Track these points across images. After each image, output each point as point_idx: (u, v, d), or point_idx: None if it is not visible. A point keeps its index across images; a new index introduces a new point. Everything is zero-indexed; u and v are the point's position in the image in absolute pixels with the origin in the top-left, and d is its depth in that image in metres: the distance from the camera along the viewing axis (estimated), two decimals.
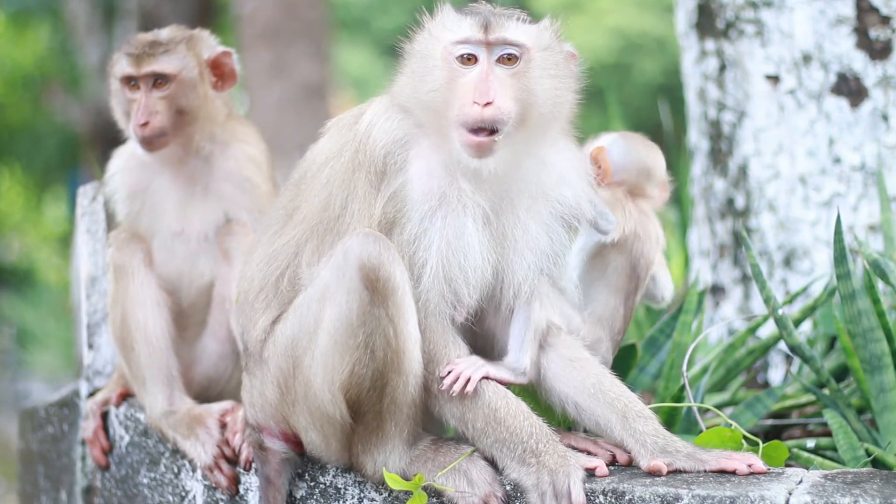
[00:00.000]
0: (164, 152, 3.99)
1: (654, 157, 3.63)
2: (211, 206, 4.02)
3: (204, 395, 4.05)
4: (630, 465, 3.20)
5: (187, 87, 3.97)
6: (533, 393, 3.33)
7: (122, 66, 3.99)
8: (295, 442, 3.37)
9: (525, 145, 3.20)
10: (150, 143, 3.93)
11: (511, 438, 3.09)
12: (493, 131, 3.11)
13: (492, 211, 3.21)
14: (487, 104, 3.09)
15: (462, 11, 3.24)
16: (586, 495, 3.03)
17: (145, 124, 3.91)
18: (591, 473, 3.11)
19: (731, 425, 3.31)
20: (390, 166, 3.18)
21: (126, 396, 4.13)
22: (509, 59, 3.16)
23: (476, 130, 3.11)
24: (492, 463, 3.17)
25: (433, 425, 3.35)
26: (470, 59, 3.16)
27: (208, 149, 4.02)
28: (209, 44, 4.08)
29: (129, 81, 3.99)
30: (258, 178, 4.03)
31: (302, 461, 3.43)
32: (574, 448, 3.27)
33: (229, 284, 3.90)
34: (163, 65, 3.94)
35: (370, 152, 3.21)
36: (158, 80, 3.95)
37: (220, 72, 4.06)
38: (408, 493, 3.22)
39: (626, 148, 3.60)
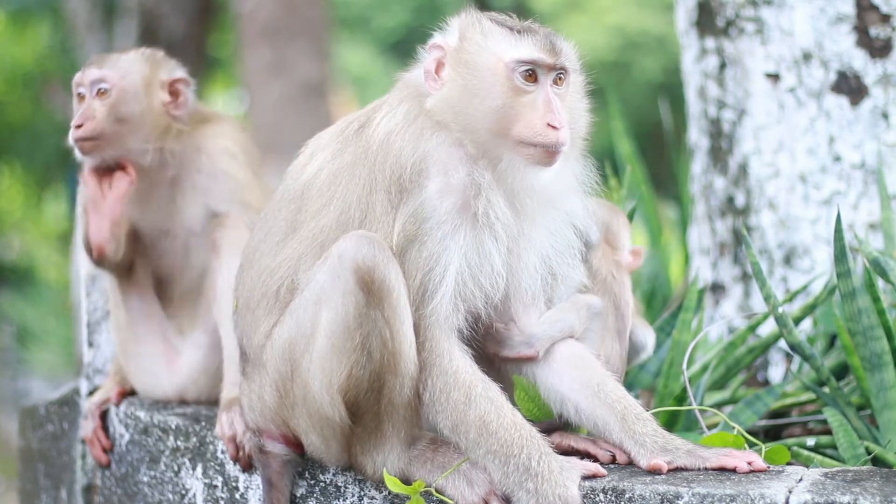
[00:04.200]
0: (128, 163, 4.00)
1: (616, 220, 3.66)
2: (192, 203, 4.04)
3: (194, 386, 4.07)
4: (630, 465, 3.20)
5: (129, 96, 3.96)
6: (535, 396, 3.32)
7: None
8: (295, 444, 3.36)
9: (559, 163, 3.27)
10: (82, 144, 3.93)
11: (502, 451, 3.07)
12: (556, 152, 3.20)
13: (514, 225, 3.23)
14: (559, 128, 3.17)
15: (514, 28, 3.24)
16: (586, 494, 3.03)
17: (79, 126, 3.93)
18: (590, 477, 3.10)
19: (732, 427, 3.31)
20: (412, 181, 3.16)
21: (125, 395, 4.14)
22: (558, 81, 3.24)
23: (549, 151, 3.18)
24: None
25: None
26: (530, 77, 3.20)
27: (179, 152, 4.02)
28: (169, 66, 4.08)
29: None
30: (233, 168, 4.04)
31: (303, 461, 3.43)
32: (573, 448, 3.28)
33: (218, 276, 3.91)
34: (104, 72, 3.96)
35: (390, 167, 3.19)
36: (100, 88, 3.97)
37: (175, 95, 4.06)
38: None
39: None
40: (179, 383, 4.07)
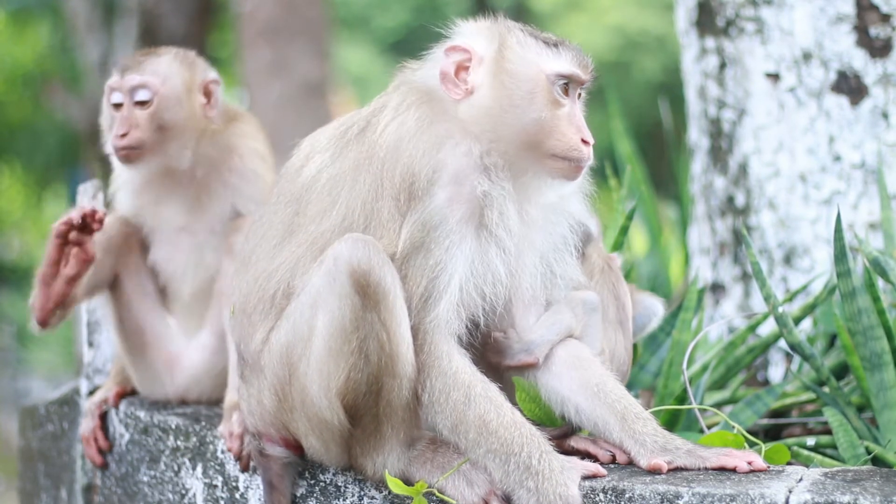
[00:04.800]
0: (161, 168, 4.00)
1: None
2: (220, 202, 4.03)
3: (196, 387, 4.07)
4: (630, 464, 3.20)
5: (171, 103, 3.94)
6: (536, 397, 3.32)
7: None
8: (295, 446, 3.35)
9: None
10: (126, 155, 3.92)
11: (503, 450, 3.06)
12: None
13: (520, 233, 3.23)
14: (590, 144, 3.22)
15: (549, 42, 3.24)
16: (586, 493, 3.03)
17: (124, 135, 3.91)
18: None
19: (732, 426, 3.31)
20: (423, 190, 3.14)
21: (123, 395, 4.14)
22: (579, 96, 3.28)
23: (577, 167, 3.22)
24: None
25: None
26: (565, 91, 3.22)
27: (210, 152, 4.01)
28: (203, 67, 4.06)
29: None
30: (262, 170, 4.05)
31: (303, 463, 3.43)
32: (574, 448, 3.27)
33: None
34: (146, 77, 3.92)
35: (400, 174, 3.15)
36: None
37: (208, 96, 4.03)
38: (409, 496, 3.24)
39: None
40: (182, 384, 4.07)
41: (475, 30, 3.28)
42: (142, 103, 3.90)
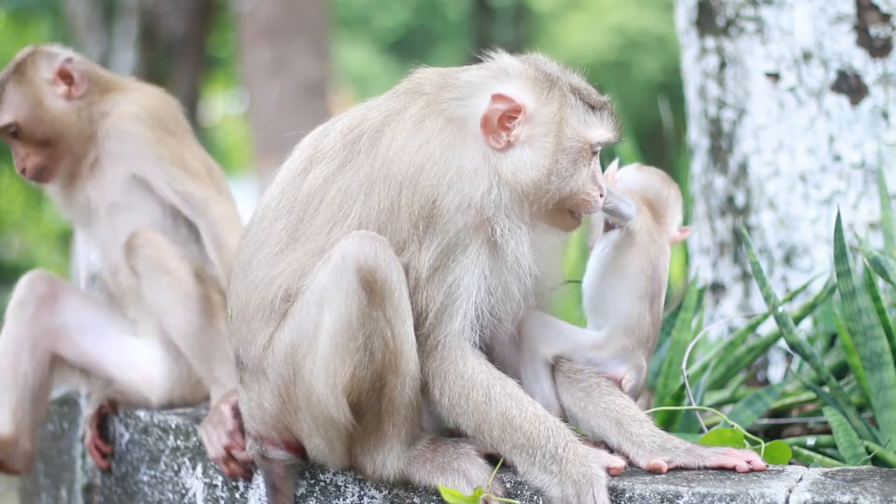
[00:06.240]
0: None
1: (670, 190, 3.60)
2: (111, 169, 4.02)
3: (168, 396, 4.06)
4: (630, 465, 3.20)
5: (33, 123, 3.98)
6: None
7: None
8: (297, 448, 3.35)
9: None
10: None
11: (529, 444, 3.08)
12: None
13: (531, 258, 3.24)
14: (604, 195, 3.27)
15: (595, 106, 3.23)
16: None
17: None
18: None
19: (732, 426, 3.31)
20: (442, 218, 3.13)
21: (112, 405, 4.11)
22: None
23: (580, 221, 3.28)
24: (493, 461, 3.18)
25: (432, 423, 3.36)
26: (596, 152, 3.26)
27: (86, 129, 4.03)
28: (48, 58, 4.04)
29: None
30: (137, 128, 3.99)
31: (305, 464, 3.43)
32: None
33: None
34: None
35: (420, 202, 3.13)
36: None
37: (69, 80, 4.03)
38: (408, 492, 3.23)
39: (638, 174, 3.60)
40: (154, 394, 4.05)
41: (526, 80, 3.18)
42: (15, 134, 3.98)
